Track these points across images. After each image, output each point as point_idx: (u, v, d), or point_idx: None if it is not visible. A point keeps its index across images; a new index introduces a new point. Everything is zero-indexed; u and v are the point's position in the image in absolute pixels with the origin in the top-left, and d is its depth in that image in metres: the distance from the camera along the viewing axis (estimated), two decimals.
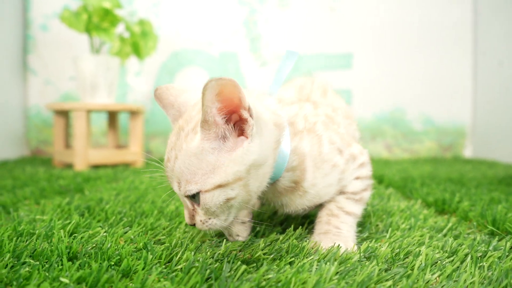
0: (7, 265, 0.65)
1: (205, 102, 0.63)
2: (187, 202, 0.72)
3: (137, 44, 2.20)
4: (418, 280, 0.62)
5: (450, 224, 0.97)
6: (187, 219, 0.74)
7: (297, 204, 0.81)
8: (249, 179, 0.69)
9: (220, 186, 0.68)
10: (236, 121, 0.68)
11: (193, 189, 0.69)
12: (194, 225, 0.74)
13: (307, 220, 0.99)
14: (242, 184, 0.69)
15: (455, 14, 2.82)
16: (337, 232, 0.79)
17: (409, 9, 2.83)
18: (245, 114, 0.66)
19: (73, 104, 2.06)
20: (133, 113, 2.25)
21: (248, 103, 0.66)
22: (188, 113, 0.74)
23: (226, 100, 0.65)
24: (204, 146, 0.67)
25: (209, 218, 0.72)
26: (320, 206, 0.85)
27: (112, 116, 2.39)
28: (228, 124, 0.68)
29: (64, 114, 2.21)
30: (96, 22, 2.06)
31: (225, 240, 0.81)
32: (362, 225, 0.96)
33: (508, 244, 0.78)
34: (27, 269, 0.64)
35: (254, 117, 0.67)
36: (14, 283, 0.59)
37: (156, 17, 2.77)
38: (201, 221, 0.72)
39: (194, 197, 0.70)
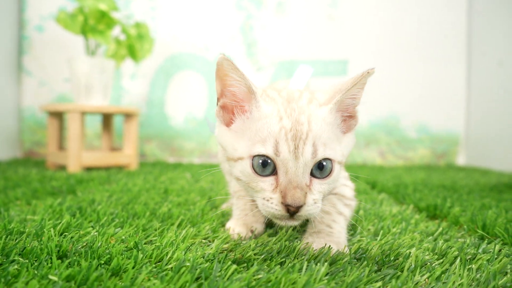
0: None
1: (357, 85, 0.73)
2: (306, 175, 0.68)
3: (133, 46, 2.21)
4: (407, 281, 0.62)
5: (440, 229, 0.97)
6: (299, 198, 0.66)
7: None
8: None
9: (340, 163, 0.73)
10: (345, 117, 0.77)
11: (331, 154, 0.70)
12: (296, 210, 0.67)
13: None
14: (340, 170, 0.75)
15: (450, 23, 2.86)
16: (330, 232, 0.80)
17: (405, 18, 2.86)
18: (356, 111, 0.78)
19: (67, 105, 2.06)
20: (128, 116, 2.24)
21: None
22: (282, 90, 0.80)
23: (359, 95, 0.76)
24: (332, 118, 0.73)
25: (320, 199, 0.71)
26: None
27: (107, 119, 2.38)
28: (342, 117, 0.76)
29: (58, 115, 2.20)
30: (92, 24, 2.06)
31: (215, 240, 0.81)
32: (353, 229, 0.97)
33: (497, 247, 0.79)
34: (15, 267, 0.63)
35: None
36: (2, 280, 0.58)
37: (152, 20, 2.78)
38: (314, 200, 0.69)
39: (322, 169, 0.70)
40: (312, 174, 0.70)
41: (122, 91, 2.81)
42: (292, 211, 0.67)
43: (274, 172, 0.70)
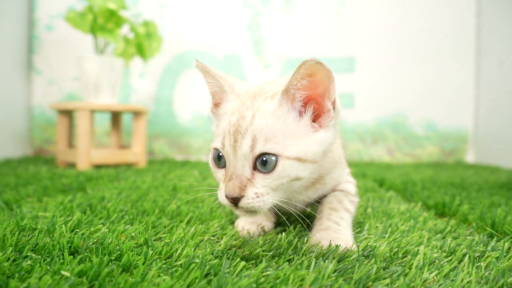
0: (9, 258, 0.66)
1: (296, 75, 0.68)
2: (246, 168, 0.69)
3: (141, 45, 2.22)
4: (415, 279, 0.63)
5: (449, 227, 0.97)
6: (233, 190, 0.68)
7: (309, 197, 0.87)
8: (318, 166, 0.74)
9: (299, 159, 0.70)
10: (315, 109, 0.73)
11: (273, 149, 0.68)
12: (236, 199, 0.69)
13: (305, 221, 1.00)
14: (312, 168, 0.72)
15: (458, 18, 2.83)
16: (337, 229, 0.80)
17: (412, 14, 2.84)
18: (329, 105, 0.72)
19: (76, 104, 2.08)
20: (136, 114, 2.26)
21: (335, 96, 0.71)
22: (263, 86, 0.79)
23: (313, 84, 0.70)
24: (283, 111, 0.71)
25: (267, 193, 0.70)
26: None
27: (115, 117, 2.40)
28: (304, 107, 0.72)
29: (67, 114, 2.22)
30: (101, 23, 2.08)
31: (224, 237, 0.82)
32: (361, 226, 0.97)
33: (506, 244, 0.79)
34: (28, 262, 0.65)
35: (336, 110, 0.73)
36: (16, 275, 0.60)
37: (160, 19, 2.79)
38: (256, 193, 0.69)
39: (265, 163, 0.69)
40: (257, 169, 0.70)
41: (130, 90, 2.83)
42: (231, 201, 0.70)
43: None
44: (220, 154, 0.74)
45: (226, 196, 0.70)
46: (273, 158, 0.69)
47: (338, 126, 0.83)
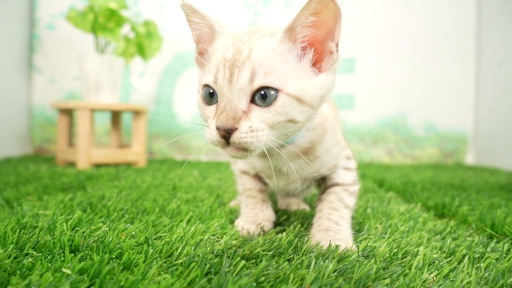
0: (10, 255, 0.66)
1: (304, 11, 0.65)
2: (242, 101, 0.66)
3: (142, 44, 2.22)
4: (415, 279, 0.63)
5: (449, 228, 0.97)
6: (226, 120, 0.64)
7: (303, 171, 0.83)
8: (313, 112, 0.71)
9: (298, 99, 0.67)
10: (315, 53, 0.70)
11: (274, 83, 0.65)
12: (228, 132, 0.65)
13: (306, 221, 1.00)
14: (308, 113, 0.69)
15: (458, 20, 2.84)
16: (338, 230, 0.80)
17: (413, 15, 2.85)
18: (332, 47, 0.69)
19: (77, 103, 2.08)
20: (136, 113, 2.26)
21: (339, 38, 0.68)
22: (259, 26, 0.74)
23: (320, 23, 0.67)
24: (284, 49, 0.68)
25: (262, 129, 0.66)
26: (319, 196, 0.89)
27: (116, 116, 2.40)
28: (304, 51, 0.69)
29: (68, 112, 2.22)
30: (102, 23, 2.08)
31: (224, 236, 0.82)
32: (361, 226, 0.97)
33: (506, 246, 0.79)
34: (29, 259, 0.65)
35: (338, 54, 0.70)
36: (18, 272, 0.60)
37: (161, 18, 2.79)
38: (250, 127, 0.65)
39: (264, 97, 0.66)
40: (255, 103, 0.67)
41: (131, 89, 2.83)
42: (223, 135, 0.66)
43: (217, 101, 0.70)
44: (211, 91, 0.70)
45: (217, 128, 0.65)
46: (272, 92, 0.66)
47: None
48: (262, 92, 0.66)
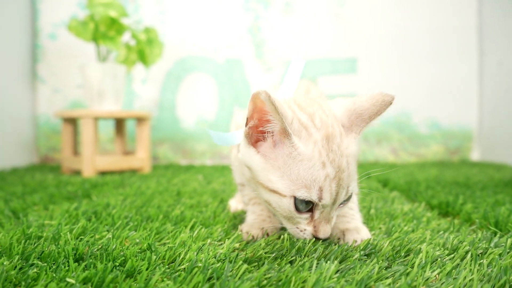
0: (16, 266, 0.67)
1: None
2: (333, 211, 0.75)
3: (143, 51, 2.24)
4: (417, 278, 0.63)
5: (452, 227, 0.97)
6: (328, 233, 0.75)
7: None
8: None
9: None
10: None
11: (354, 187, 0.77)
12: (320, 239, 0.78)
13: None
14: None
15: (460, 18, 2.83)
16: (352, 215, 0.86)
17: (415, 13, 2.84)
18: None
19: (80, 111, 2.10)
20: (140, 120, 2.28)
21: None
22: (329, 120, 0.76)
23: None
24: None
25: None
26: None
27: (119, 123, 2.42)
28: None
29: (72, 121, 2.24)
30: (102, 31, 2.10)
31: (227, 240, 0.83)
32: None
33: (509, 241, 0.79)
34: (35, 270, 0.66)
35: None
36: (23, 283, 0.61)
37: (162, 24, 2.81)
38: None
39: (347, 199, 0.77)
40: None
41: (133, 96, 2.85)
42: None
43: (311, 208, 0.75)
44: (306, 200, 0.72)
45: (318, 238, 0.76)
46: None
47: None
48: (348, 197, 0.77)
